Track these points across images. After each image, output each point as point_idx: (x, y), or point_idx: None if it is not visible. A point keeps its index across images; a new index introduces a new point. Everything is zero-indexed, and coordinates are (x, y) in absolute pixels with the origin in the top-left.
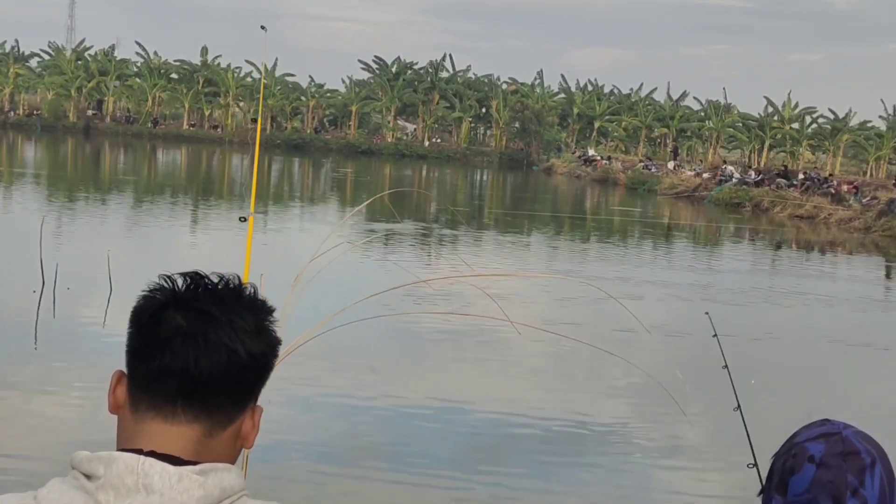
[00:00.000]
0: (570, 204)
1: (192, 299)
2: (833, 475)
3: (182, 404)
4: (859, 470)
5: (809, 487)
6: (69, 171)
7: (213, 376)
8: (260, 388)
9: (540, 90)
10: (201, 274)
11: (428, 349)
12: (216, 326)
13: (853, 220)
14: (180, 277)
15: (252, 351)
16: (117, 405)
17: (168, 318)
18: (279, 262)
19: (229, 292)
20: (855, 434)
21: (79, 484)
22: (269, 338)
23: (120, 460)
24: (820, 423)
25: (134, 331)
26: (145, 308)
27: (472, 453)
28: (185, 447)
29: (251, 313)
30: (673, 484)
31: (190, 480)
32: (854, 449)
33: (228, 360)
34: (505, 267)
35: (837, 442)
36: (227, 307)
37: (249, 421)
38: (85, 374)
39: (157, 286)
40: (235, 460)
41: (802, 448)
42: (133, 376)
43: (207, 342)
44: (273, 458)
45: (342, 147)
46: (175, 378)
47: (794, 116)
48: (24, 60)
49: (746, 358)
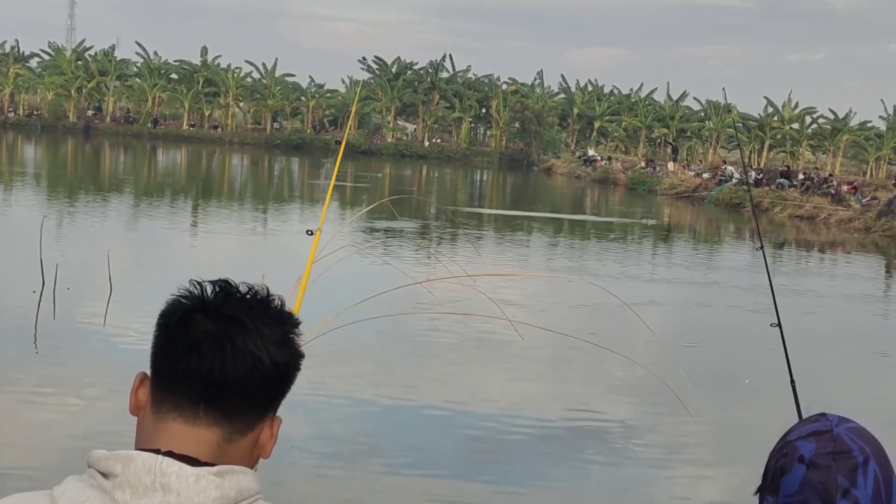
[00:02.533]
0: (569, 204)
1: (222, 305)
2: (823, 476)
3: (205, 407)
4: (850, 470)
5: (800, 489)
6: (69, 172)
7: (238, 382)
8: (281, 399)
9: (540, 90)
10: (230, 282)
11: (428, 349)
12: (244, 333)
13: (853, 220)
14: (209, 284)
15: (277, 360)
16: (138, 406)
17: (197, 322)
18: (282, 262)
19: (258, 302)
20: (848, 431)
21: (95, 482)
22: (293, 349)
23: (138, 459)
24: (814, 419)
25: (162, 332)
26: (174, 311)
27: (472, 453)
28: (203, 450)
29: (278, 324)
30: (673, 484)
31: (207, 481)
32: (845, 448)
33: (253, 368)
34: (504, 267)
35: (829, 441)
36: (255, 316)
37: (268, 430)
38: (85, 374)
39: (186, 291)
40: (252, 468)
41: (793, 447)
42: (158, 377)
43: (235, 348)
44: (273, 458)
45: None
46: (200, 381)
47: (794, 116)
48: (24, 60)
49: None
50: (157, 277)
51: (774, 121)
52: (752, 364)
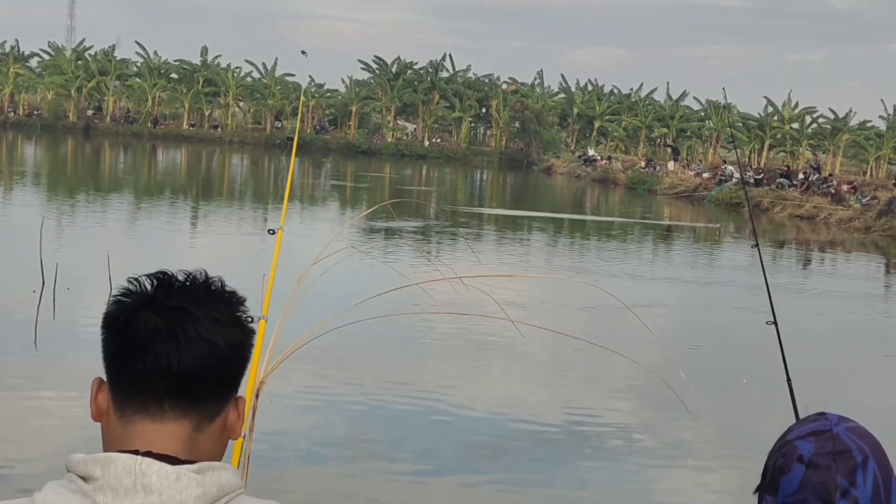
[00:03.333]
0: (569, 204)
1: (166, 298)
2: (822, 476)
3: (169, 402)
4: (850, 470)
5: (799, 489)
6: (69, 171)
7: (197, 371)
8: (240, 379)
9: (540, 90)
10: (168, 272)
11: (428, 349)
12: (194, 321)
13: (853, 220)
14: (147, 279)
15: (231, 342)
16: (100, 412)
17: (145, 320)
18: (281, 263)
19: (200, 287)
20: (848, 430)
21: (75, 486)
22: (244, 328)
23: (118, 461)
24: (814, 419)
25: (111, 336)
26: (119, 312)
27: (472, 453)
28: (177, 445)
29: (225, 305)
30: (673, 484)
31: (188, 479)
32: (844, 447)
33: (210, 354)
34: (503, 267)
35: (828, 440)
36: (201, 302)
37: (234, 412)
38: (85, 374)
39: (126, 289)
40: (223, 452)
41: (792, 447)
42: (115, 381)
43: (187, 338)
44: (273, 458)
45: (342, 147)
46: (160, 377)
47: (794, 116)
48: (24, 60)
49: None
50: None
51: (774, 120)
52: (752, 364)
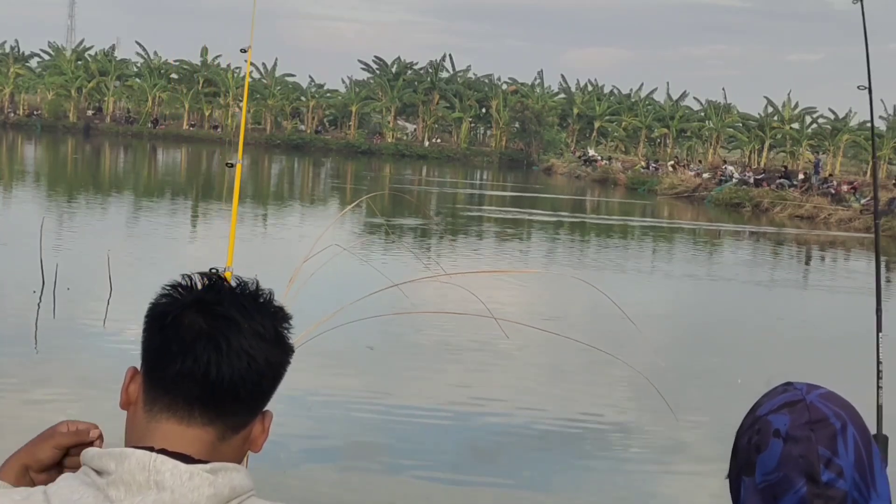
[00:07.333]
0: (569, 204)
1: (215, 303)
2: (803, 449)
3: (200, 408)
4: (830, 438)
5: (779, 465)
6: (69, 172)
7: (233, 382)
8: (272, 394)
9: (540, 90)
10: (221, 276)
11: (424, 349)
12: (238, 333)
13: (853, 220)
14: (199, 278)
15: (270, 360)
16: (129, 401)
17: (190, 322)
18: (272, 261)
19: (249, 297)
20: (820, 397)
21: (89, 480)
22: (285, 346)
23: (132, 457)
24: (781, 390)
25: (154, 331)
26: (167, 309)
27: (469, 454)
28: (198, 449)
29: (270, 320)
30: (671, 484)
31: (201, 478)
32: (821, 415)
33: (248, 368)
34: (503, 266)
35: (802, 410)
36: (248, 313)
37: (259, 425)
38: (85, 374)
39: (176, 285)
40: (241, 462)
41: (766, 422)
42: (150, 376)
43: (230, 348)
44: (273, 458)
45: (342, 147)
46: (195, 383)
47: (794, 116)
48: (24, 60)
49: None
50: (156, 277)
51: (774, 121)
52: (752, 364)
